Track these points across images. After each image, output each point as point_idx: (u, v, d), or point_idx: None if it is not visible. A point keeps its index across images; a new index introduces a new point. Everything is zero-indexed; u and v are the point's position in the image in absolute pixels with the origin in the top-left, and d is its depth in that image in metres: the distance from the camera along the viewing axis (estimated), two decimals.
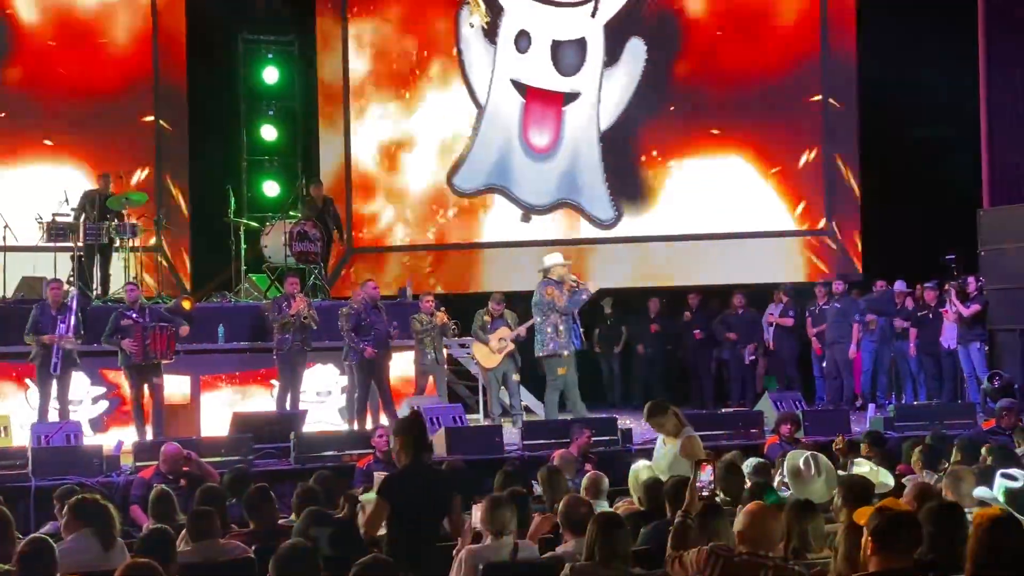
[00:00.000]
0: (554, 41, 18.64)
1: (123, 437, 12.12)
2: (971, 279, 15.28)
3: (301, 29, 18.36)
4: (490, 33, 18.49)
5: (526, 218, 18.70)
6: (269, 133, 18.17)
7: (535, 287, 13.73)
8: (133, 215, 14.67)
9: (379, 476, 7.60)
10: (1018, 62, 16.79)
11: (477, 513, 6.40)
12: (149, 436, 12.25)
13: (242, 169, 17.80)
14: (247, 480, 8.82)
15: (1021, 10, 16.78)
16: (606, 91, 18.59)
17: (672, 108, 18.41)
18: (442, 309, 14.23)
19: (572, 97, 18.67)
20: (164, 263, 16.89)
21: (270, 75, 18.10)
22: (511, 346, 14.17)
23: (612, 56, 18.56)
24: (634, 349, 17.41)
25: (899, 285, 15.77)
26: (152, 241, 16.17)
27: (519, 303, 14.58)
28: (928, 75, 16.73)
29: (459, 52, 18.68)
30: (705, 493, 5.72)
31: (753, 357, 16.63)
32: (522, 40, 18.64)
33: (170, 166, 17.60)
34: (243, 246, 16.10)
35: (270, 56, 18.15)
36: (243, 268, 16.08)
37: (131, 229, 14.45)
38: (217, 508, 7.36)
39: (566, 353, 13.44)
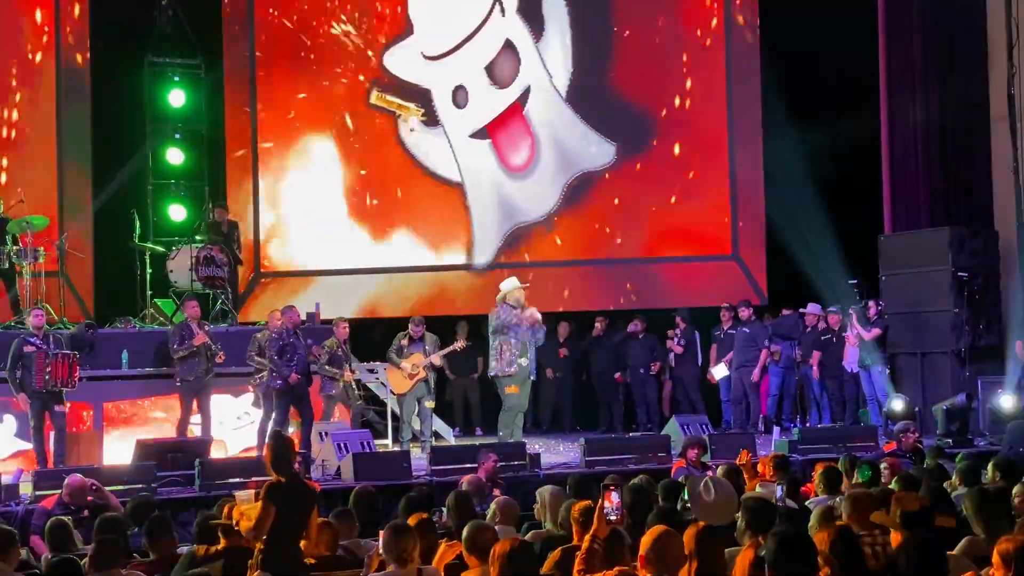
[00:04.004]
0: (486, 67, 18.31)
1: None
2: (872, 303, 15.59)
3: (208, 51, 18.16)
4: (430, 119, 18.06)
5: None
6: (175, 156, 17.92)
7: (492, 312, 13.67)
8: (35, 239, 14.40)
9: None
10: (916, 93, 17.18)
11: (381, 541, 6.37)
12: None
13: (147, 193, 17.57)
14: (150, 508, 8.70)
15: (919, 35, 17.20)
16: (550, 62, 18.36)
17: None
18: None
19: (526, 96, 18.34)
20: (67, 288, 16.55)
21: (176, 98, 17.88)
22: (422, 372, 14.14)
23: (538, 30, 18.32)
24: (543, 373, 17.45)
25: (812, 308, 15.99)
26: (55, 266, 15.86)
27: (434, 328, 14.66)
28: (832, 97, 17.08)
29: (415, 159, 18.09)
30: (612, 517, 5.72)
31: (654, 372, 16.75)
32: (459, 94, 18.18)
33: (74, 187, 17.31)
34: (148, 271, 15.88)
35: (176, 79, 17.93)
36: (148, 293, 15.87)
37: (32, 254, 14.19)
38: (119, 537, 7.25)
39: (512, 372, 13.36)
